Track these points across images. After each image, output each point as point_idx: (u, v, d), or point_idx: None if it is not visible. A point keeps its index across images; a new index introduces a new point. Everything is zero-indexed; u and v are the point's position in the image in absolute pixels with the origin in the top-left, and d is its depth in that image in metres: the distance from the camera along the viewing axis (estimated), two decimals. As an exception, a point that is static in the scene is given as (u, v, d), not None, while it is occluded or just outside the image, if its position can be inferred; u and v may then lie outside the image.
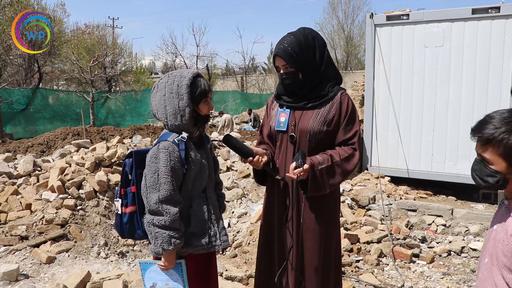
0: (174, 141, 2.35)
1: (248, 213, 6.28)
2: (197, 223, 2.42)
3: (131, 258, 5.38)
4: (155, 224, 2.31)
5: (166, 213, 2.29)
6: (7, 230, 5.32)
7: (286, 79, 2.61)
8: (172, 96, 2.38)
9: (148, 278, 2.49)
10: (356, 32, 35.75)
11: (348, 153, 2.57)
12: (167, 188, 2.30)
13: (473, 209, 6.30)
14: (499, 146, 1.65)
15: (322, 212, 2.64)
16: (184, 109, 2.36)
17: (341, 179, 2.60)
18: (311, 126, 2.58)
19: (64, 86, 27.13)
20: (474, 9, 6.68)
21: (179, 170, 2.35)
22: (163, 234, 2.29)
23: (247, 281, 4.18)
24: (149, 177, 2.33)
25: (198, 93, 2.40)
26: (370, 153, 7.72)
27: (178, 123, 2.38)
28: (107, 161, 6.72)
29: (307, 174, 2.49)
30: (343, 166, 2.56)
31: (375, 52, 7.59)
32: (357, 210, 6.18)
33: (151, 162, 2.34)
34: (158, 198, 2.29)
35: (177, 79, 2.40)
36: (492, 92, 6.69)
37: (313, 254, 2.64)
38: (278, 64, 2.62)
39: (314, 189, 2.53)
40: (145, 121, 20.19)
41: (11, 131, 17.33)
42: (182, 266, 2.42)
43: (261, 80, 34.02)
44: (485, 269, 1.74)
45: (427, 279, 4.48)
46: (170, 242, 2.30)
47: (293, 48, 2.55)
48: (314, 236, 2.63)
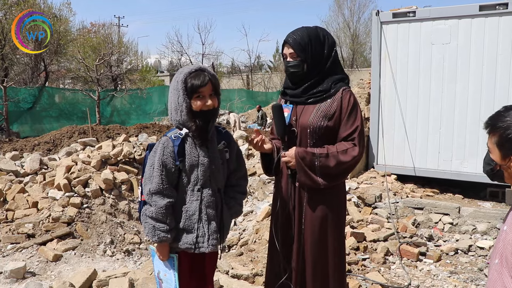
0: (171, 137, 2.44)
1: (254, 211, 6.27)
2: (186, 221, 2.47)
3: (137, 256, 5.39)
4: (146, 214, 2.43)
5: (154, 204, 2.40)
6: (14, 228, 5.35)
7: (291, 67, 2.63)
8: (174, 92, 2.44)
9: (156, 265, 2.60)
10: (362, 30, 35.67)
11: (346, 147, 2.56)
12: (157, 181, 2.40)
13: (481, 208, 6.26)
14: (495, 135, 1.66)
15: (324, 209, 2.63)
16: (182, 105, 2.41)
17: (337, 171, 2.56)
18: (311, 121, 2.58)
19: (70, 84, 27.26)
20: (481, 6, 6.61)
21: (171, 165, 2.42)
22: (150, 225, 2.41)
23: (253, 279, 4.17)
24: (147, 169, 2.48)
25: (188, 89, 2.40)
26: (377, 151, 7.68)
27: (179, 119, 2.44)
28: (113, 159, 6.74)
29: (294, 162, 2.56)
30: (338, 157, 2.53)
31: (381, 50, 7.54)
32: (364, 208, 6.16)
33: (151, 156, 2.48)
34: (149, 190, 2.42)
35: (177, 75, 2.45)
36: (500, 89, 6.62)
37: (312, 250, 2.65)
38: (286, 52, 2.65)
39: (303, 176, 2.56)
40: (151, 119, 20.24)
41: (18, 129, 17.44)
42: (174, 261, 2.49)
43: (266, 78, 34.02)
44: (495, 270, 1.72)
45: (434, 277, 4.45)
46: (154, 233, 2.40)
47: (303, 38, 2.59)
48: (313, 233, 2.64)
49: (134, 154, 6.96)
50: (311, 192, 2.63)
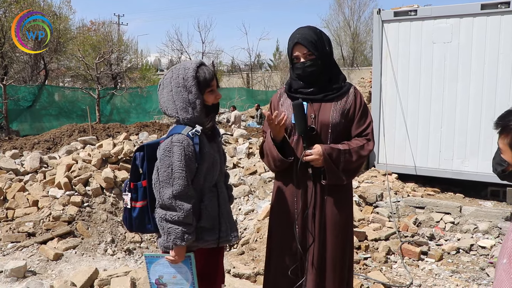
0: (188, 135, 2.31)
1: (255, 210, 6.26)
2: (208, 218, 2.40)
3: (138, 255, 5.37)
4: (167, 220, 2.27)
5: (179, 208, 2.26)
6: (15, 227, 5.33)
7: (308, 67, 2.58)
8: (180, 90, 2.35)
9: (154, 271, 2.47)
10: (362, 29, 35.68)
11: (363, 142, 2.62)
12: (181, 183, 2.26)
13: (482, 207, 6.25)
14: (507, 136, 1.64)
15: (342, 208, 2.66)
16: (194, 101, 2.34)
17: (356, 165, 2.61)
18: (332, 118, 2.60)
19: (70, 83, 27.22)
20: (483, 5, 6.59)
21: (193, 165, 2.32)
22: (176, 229, 2.26)
23: (254, 278, 4.16)
24: (162, 171, 2.28)
25: (202, 84, 2.36)
26: (377, 150, 7.67)
27: (190, 116, 2.34)
28: (114, 157, 6.72)
29: (322, 160, 2.52)
30: (359, 152, 2.58)
31: (382, 49, 7.53)
32: (365, 207, 6.15)
33: (164, 156, 2.29)
34: (172, 193, 2.25)
35: (182, 72, 2.37)
36: (501, 88, 6.61)
37: (335, 250, 2.64)
38: (299, 53, 2.60)
39: (331, 173, 2.55)
40: (151, 118, 20.22)
41: (18, 128, 17.42)
42: (191, 259, 2.40)
43: (266, 77, 34.00)
44: (503, 270, 1.70)
45: (435, 276, 4.45)
46: (183, 237, 2.27)
47: (311, 36, 2.59)
48: (334, 231, 2.64)
49: (135, 153, 6.94)
50: (330, 190, 2.63)
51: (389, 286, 4.14)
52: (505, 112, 1.72)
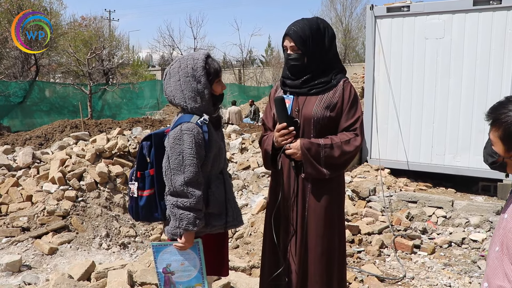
0: (197, 123, 2.36)
1: (249, 205, 6.29)
2: (216, 204, 2.46)
3: (133, 249, 5.39)
4: (179, 206, 2.32)
5: (191, 195, 2.32)
6: (9, 222, 5.32)
7: (291, 60, 2.63)
8: (188, 79, 2.39)
9: (161, 260, 2.50)
10: (354, 25, 35.71)
11: (349, 137, 2.59)
12: (192, 170, 2.32)
13: (473, 201, 6.33)
14: (499, 129, 1.66)
15: (328, 200, 2.65)
16: (203, 91, 2.40)
17: (340, 161, 2.60)
18: (315, 111, 2.59)
19: (61, 79, 27.00)
20: (475, 1, 6.64)
21: (202, 152, 2.37)
22: (188, 215, 2.32)
23: (250, 271, 4.19)
24: (173, 159, 2.33)
25: (212, 74, 2.43)
26: (370, 145, 7.72)
27: (199, 105, 2.40)
28: (108, 152, 6.71)
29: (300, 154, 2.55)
30: (342, 147, 2.56)
31: (375, 44, 7.57)
32: (358, 201, 6.20)
33: (174, 144, 2.33)
34: (184, 180, 2.31)
35: (190, 62, 2.41)
36: (492, 84, 6.68)
37: (318, 242, 2.64)
38: (286, 45, 2.64)
39: (309, 167, 2.57)
40: (142, 113, 20.16)
41: (9, 124, 17.27)
42: (199, 245, 2.45)
43: (258, 73, 33.93)
44: (496, 257, 1.74)
45: (428, 269, 4.50)
46: (195, 223, 2.33)
47: (303, 31, 2.59)
48: (317, 223, 2.64)
49: (129, 148, 6.93)
50: (314, 183, 2.64)
51: (383, 279, 4.18)
52: (496, 103, 1.73)
